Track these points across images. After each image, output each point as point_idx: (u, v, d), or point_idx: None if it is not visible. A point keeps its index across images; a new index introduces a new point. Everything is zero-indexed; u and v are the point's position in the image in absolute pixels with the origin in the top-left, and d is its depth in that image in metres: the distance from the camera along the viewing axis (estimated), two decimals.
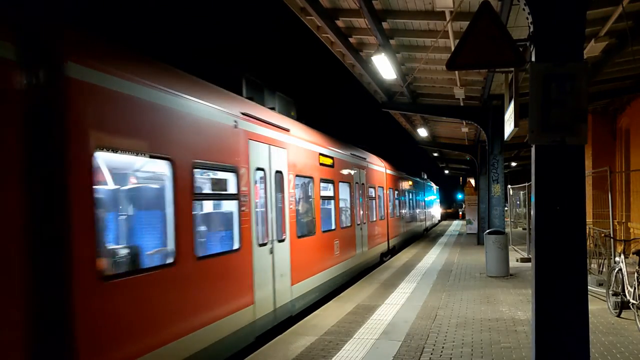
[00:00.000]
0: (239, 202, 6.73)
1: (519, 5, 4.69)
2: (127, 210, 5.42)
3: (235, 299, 6.54)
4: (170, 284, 5.22)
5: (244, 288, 6.78)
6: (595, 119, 16.80)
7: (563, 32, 4.22)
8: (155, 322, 4.97)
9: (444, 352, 6.23)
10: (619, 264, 7.77)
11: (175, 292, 5.27)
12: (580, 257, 4.25)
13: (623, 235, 15.10)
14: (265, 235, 7.53)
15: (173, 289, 5.25)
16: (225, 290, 6.31)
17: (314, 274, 9.70)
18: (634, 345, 6.32)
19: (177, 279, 5.31)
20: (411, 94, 16.62)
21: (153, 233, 5.42)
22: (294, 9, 9.85)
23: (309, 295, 9.32)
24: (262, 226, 7.46)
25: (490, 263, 12.12)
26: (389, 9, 9.94)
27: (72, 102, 4.10)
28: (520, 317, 7.90)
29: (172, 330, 5.21)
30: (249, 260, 6.93)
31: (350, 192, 12.80)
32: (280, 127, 8.33)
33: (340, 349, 6.48)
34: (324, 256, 10.46)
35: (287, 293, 8.26)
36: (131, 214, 5.42)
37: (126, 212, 5.40)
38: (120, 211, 5.34)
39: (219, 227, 6.75)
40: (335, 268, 11.07)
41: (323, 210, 10.80)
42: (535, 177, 4.35)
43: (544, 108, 4.23)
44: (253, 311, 6.97)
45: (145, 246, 5.29)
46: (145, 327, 4.83)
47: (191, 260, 5.57)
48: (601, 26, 9.26)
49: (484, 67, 5.89)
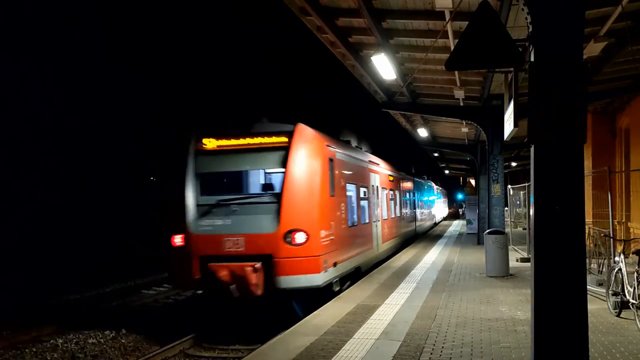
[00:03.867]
0: (368, 201, 13.86)
1: (518, 5, 4.69)
2: (348, 204, 11.64)
3: (369, 243, 13.86)
4: (356, 232, 12.34)
5: (371, 239, 14.06)
6: (594, 119, 16.81)
7: (562, 32, 4.22)
8: (351, 246, 11.66)
9: (444, 352, 6.23)
10: (618, 263, 7.77)
11: (356, 235, 12.33)
12: (580, 257, 4.25)
13: (623, 235, 15.10)
14: (374, 217, 14.63)
15: (356, 234, 12.38)
16: (366, 239, 13.45)
17: (389, 239, 17.21)
18: (633, 345, 6.32)
19: (357, 230, 12.46)
20: (411, 94, 16.63)
21: (353, 213, 12.18)
22: (293, 9, 9.85)
23: (387, 250, 16.71)
24: (373, 213, 14.51)
25: (490, 263, 12.12)
26: (389, 8, 9.94)
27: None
28: (520, 317, 7.90)
29: (354, 251, 11.90)
30: (371, 227, 14.15)
31: (400, 195, 20.47)
32: (375, 163, 15.55)
33: (340, 349, 6.48)
34: (393, 231, 18.29)
35: (380, 246, 15.35)
36: (350, 206, 11.95)
37: (348, 204, 11.57)
38: (347, 204, 11.47)
39: (363, 212, 13.50)
40: (397, 237, 19.00)
41: (391, 205, 17.99)
42: (535, 177, 4.35)
43: (543, 108, 4.23)
44: (372, 251, 14.25)
45: (351, 218, 11.92)
46: (350, 246, 11.56)
47: (359, 224, 12.81)
48: (600, 26, 9.26)
49: (484, 67, 5.90)
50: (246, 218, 9.12)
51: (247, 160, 9.78)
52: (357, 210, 12.58)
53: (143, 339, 9.66)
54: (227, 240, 9.01)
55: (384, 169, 16.92)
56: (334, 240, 9.98)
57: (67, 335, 9.78)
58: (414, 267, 14.03)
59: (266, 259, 8.77)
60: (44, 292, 14.16)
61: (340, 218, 10.72)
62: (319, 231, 9.24)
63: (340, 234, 10.58)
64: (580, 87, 4.20)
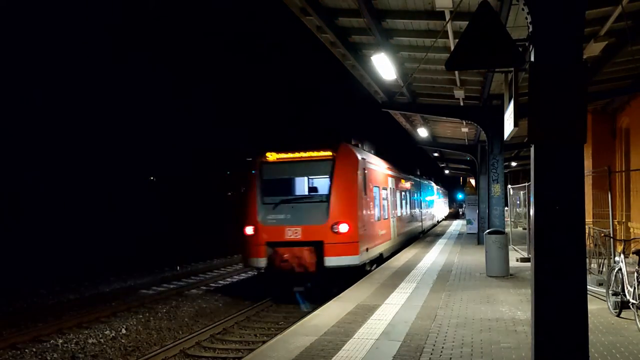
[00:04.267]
0: (387, 201, 16.60)
1: (518, 5, 4.69)
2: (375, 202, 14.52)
3: (389, 235, 16.61)
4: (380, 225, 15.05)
5: (390, 232, 16.88)
6: (594, 119, 16.79)
7: (562, 32, 4.22)
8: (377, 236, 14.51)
9: (444, 352, 6.22)
10: (618, 263, 7.76)
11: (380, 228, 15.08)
12: (580, 257, 4.25)
13: (623, 234, 15.09)
14: (392, 214, 17.58)
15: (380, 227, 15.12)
16: (386, 231, 16.13)
17: (402, 232, 20.23)
18: (633, 345, 6.32)
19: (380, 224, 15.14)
20: (411, 94, 16.61)
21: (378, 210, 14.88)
22: (294, 10, 9.84)
23: (400, 242, 19.44)
24: (391, 210, 17.42)
25: (490, 263, 12.11)
26: (389, 8, 9.93)
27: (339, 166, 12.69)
28: (520, 317, 7.90)
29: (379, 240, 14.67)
30: (389, 222, 17.07)
31: (410, 195, 23.43)
32: (390, 168, 18.45)
33: (340, 349, 6.47)
34: (405, 225, 21.40)
35: (396, 238, 18.20)
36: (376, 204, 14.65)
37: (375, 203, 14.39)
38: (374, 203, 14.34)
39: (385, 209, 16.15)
40: (408, 232, 22.12)
41: (403, 204, 21.08)
42: (535, 177, 4.34)
43: (543, 108, 4.23)
44: (391, 241, 17.03)
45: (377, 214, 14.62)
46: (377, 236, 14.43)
47: (382, 219, 15.31)
48: (601, 26, 9.25)
49: (484, 67, 5.90)
50: (302, 213, 12.08)
51: (301, 169, 12.85)
52: (380, 208, 15.48)
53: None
54: (288, 230, 11.97)
55: (397, 173, 19.93)
56: (366, 231, 12.99)
57: (67, 335, 9.79)
58: (414, 267, 14.02)
59: (318, 244, 11.76)
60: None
61: (370, 214, 13.75)
62: (357, 223, 12.17)
63: (370, 226, 13.63)
64: (580, 87, 4.19)
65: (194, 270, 18.62)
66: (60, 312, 11.89)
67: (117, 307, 12.05)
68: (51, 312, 11.83)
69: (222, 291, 14.52)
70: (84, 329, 10.20)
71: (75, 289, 14.85)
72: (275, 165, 12.76)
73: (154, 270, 18.45)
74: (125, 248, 25.53)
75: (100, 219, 35.24)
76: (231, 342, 9.53)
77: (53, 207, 34.95)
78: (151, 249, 25.15)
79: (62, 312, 11.92)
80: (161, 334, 10.18)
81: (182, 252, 23.29)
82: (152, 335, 10.07)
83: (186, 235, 32.44)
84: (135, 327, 10.47)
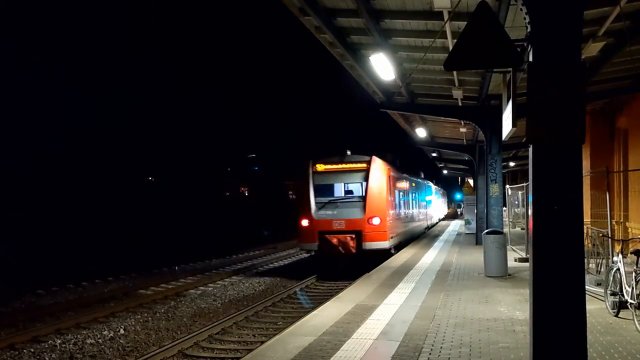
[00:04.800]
0: (403, 201, 21.00)
1: (517, 5, 4.69)
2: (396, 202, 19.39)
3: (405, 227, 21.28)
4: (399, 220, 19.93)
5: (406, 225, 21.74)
6: (593, 119, 16.81)
7: (560, 32, 4.22)
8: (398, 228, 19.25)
9: (442, 352, 6.22)
10: (617, 263, 7.77)
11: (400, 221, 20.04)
12: (578, 257, 4.26)
13: (621, 234, 15.10)
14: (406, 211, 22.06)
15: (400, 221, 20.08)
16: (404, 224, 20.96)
17: (413, 226, 24.30)
18: (632, 345, 6.32)
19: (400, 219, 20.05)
20: (409, 94, 16.61)
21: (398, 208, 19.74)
22: (292, 10, 9.83)
23: (413, 234, 24.04)
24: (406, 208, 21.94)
25: (489, 263, 12.12)
26: (387, 9, 9.93)
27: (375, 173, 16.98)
28: (518, 317, 7.90)
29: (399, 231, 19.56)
30: (405, 217, 21.57)
31: (417, 195, 27.17)
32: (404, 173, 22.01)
33: (338, 349, 6.47)
34: (415, 219, 25.74)
35: (409, 230, 22.41)
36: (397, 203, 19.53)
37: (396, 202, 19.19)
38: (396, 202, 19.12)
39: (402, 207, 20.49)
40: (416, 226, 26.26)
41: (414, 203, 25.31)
42: (533, 177, 4.35)
43: (542, 108, 4.23)
44: (406, 232, 21.54)
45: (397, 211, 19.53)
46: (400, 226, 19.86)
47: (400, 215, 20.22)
48: (599, 26, 9.26)
49: (482, 67, 5.89)
50: (345, 210, 16.25)
51: (343, 177, 17.02)
52: (399, 206, 19.95)
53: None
54: (335, 222, 16.11)
55: (408, 176, 24.31)
56: (391, 223, 17.37)
57: (66, 335, 9.77)
58: (412, 267, 14.02)
59: (357, 233, 15.87)
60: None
61: (394, 211, 18.25)
62: (386, 217, 16.37)
63: (394, 220, 18.15)
64: (578, 87, 4.19)
65: (191, 270, 18.68)
66: (58, 312, 11.88)
67: (115, 308, 12.03)
68: (49, 312, 11.81)
69: (220, 291, 14.54)
70: (82, 330, 10.20)
71: (73, 289, 14.84)
72: (323, 173, 16.87)
73: (152, 270, 18.44)
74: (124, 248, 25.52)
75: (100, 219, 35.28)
76: (230, 343, 9.52)
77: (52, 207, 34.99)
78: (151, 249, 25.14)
79: (60, 312, 11.91)
80: (159, 334, 10.16)
81: (182, 252, 23.37)
82: (151, 336, 10.05)
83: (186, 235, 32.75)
84: (133, 327, 10.47)
